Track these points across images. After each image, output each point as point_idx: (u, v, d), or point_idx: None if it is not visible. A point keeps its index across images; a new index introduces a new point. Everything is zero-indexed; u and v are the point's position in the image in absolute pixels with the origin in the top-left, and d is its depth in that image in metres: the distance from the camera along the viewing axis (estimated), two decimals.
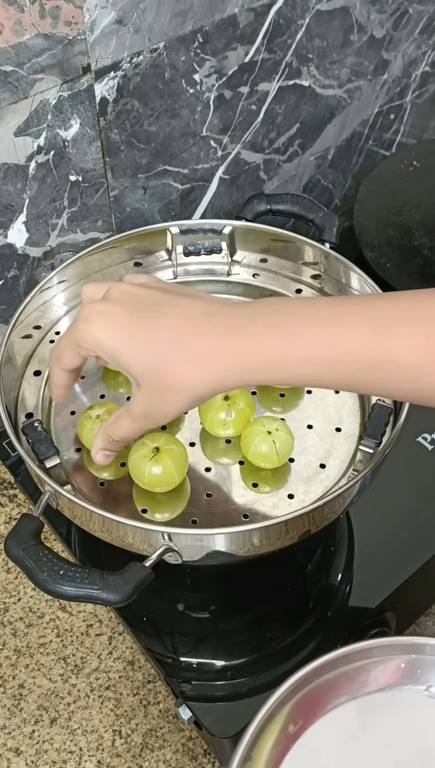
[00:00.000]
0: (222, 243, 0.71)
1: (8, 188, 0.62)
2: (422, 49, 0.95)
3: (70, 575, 0.46)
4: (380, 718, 0.47)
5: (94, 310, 0.45)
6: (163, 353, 0.43)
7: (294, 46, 0.77)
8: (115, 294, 0.46)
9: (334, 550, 0.64)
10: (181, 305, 0.45)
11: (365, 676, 0.47)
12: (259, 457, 0.57)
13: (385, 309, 0.41)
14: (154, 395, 0.45)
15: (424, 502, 0.66)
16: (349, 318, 0.42)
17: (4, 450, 0.72)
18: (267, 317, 0.43)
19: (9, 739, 0.58)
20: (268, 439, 0.56)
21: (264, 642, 0.59)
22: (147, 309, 0.45)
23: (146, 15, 0.61)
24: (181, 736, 0.58)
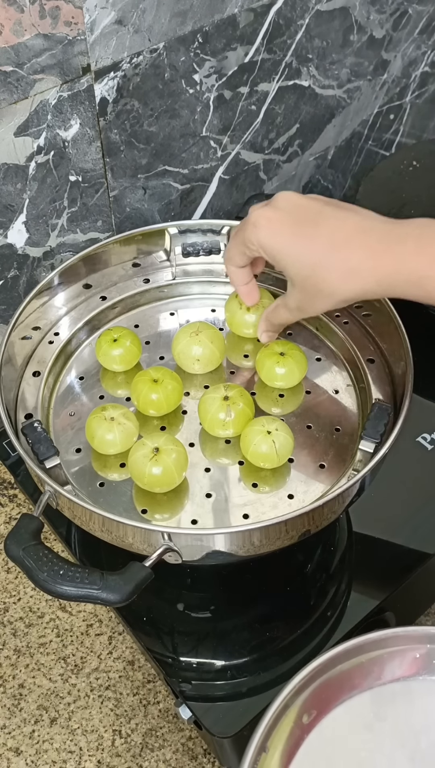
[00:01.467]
0: (221, 243, 0.71)
1: (8, 188, 0.62)
2: (422, 49, 0.95)
3: (70, 575, 0.46)
4: (395, 709, 0.47)
5: (261, 215, 0.52)
6: (317, 263, 0.49)
7: (294, 47, 0.77)
8: (281, 202, 0.52)
9: (334, 550, 0.65)
10: (339, 218, 0.50)
11: (380, 667, 0.48)
12: (258, 457, 0.57)
13: None
14: (306, 295, 0.52)
15: (424, 502, 0.66)
16: None
17: (4, 450, 0.72)
18: (417, 240, 0.47)
19: (9, 739, 0.58)
20: (268, 439, 0.56)
21: (264, 642, 0.59)
22: (308, 219, 0.50)
23: (146, 15, 0.61)
24: (181, 736, 0.58)
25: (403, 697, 0.47)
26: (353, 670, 0.47)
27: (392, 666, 0.48)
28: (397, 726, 0.46)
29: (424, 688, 0.48)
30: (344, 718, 0.46)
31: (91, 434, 0.58)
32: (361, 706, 0.47)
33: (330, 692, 0.46)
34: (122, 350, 0.64)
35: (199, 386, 0.65)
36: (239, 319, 0.66)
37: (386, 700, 0.47)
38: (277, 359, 0.62)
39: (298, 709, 0.45)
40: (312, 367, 0.65)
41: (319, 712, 0.46)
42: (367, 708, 0.47)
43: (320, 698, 0.46)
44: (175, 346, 0.64)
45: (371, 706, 0.47)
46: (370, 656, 0.47)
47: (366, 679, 0.47)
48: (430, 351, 0.69)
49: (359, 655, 0.47)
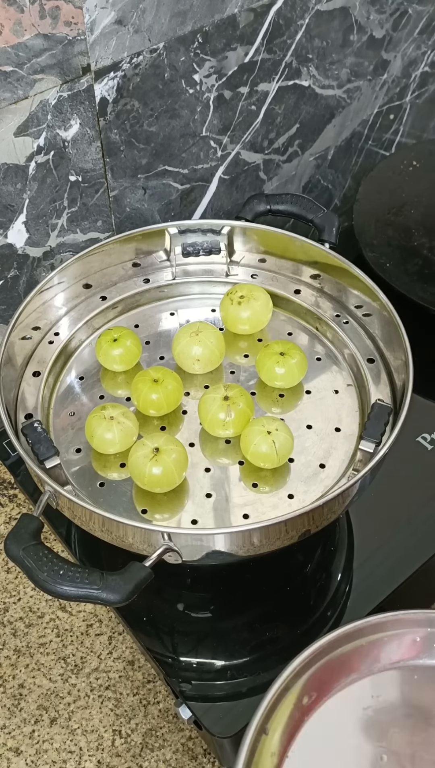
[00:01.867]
0: (220, 243, 0.71)
1: (8, 188, 0.62)
2: (422, 49, 0.95)
3: (70, 575, 0.46)
4: (395, 692, 0.47)
5: None
6: None
7: (294, 47, 0.77)
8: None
9: (334, 550, 0.65)
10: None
11: (380, 650, 0.48)
12: (258, 457, 0.57)
13: None
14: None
15: (424, 502, 0.66)
16: None
17: (4, 450, 0.72)
18: None
19: (9, 739, 0.58)
20: (268, 439, 0.56)
21: (264, 642, 0.59)
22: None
23: (146, 15, 0.61)
24: (181, 736, 0.58)
25: (403, 682, 0.48)
26: (353, 653, 0.47)
27: (392, 649, 0.48)
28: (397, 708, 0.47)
29: (424, 672, 0.48)
30: (344, 700, 0.46)
31: (91, 433, 0.58)
32: (361, 689, 0.47)
33: (330, 675, 0.46)
34: (122, 350, 0.64)
35: (199, 386, 0.65)
36: (233, 316, 0.66)
37: (386, 683, 0.47)
38: (277, 359, 0.62)
39: (299, 691, 0.45)
40: (312, 367, 0.65)
41: (319, 694, 0.46)
42: (367, 690, 0.47)
43: (320, 681, 0.46)
44: (175, 346, 0.64)
45: (371, 688, 0.47)
46: (369, 639, 0.47)
47: (365, 662, 0.47)
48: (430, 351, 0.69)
49: (359, 639, 0.47)
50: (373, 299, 0.66)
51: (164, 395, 0.60)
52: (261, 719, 0.43)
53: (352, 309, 0.68)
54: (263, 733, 0.43)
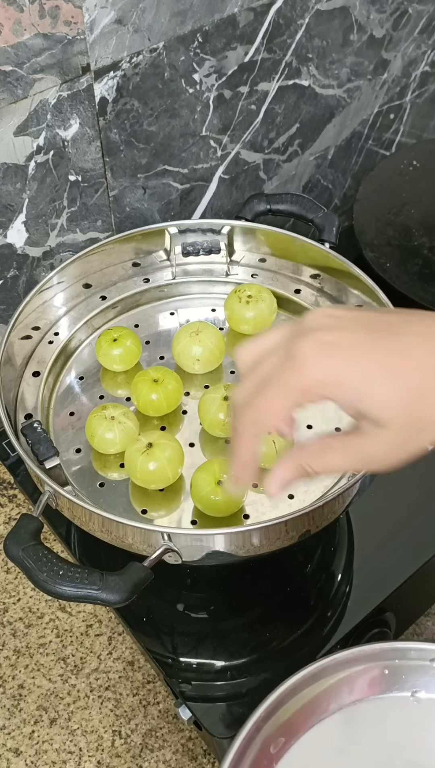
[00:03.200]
0: (220, 243, 0.71)
1: (8, 188, 0.62)
2: (422, 48, 0.95)
3: (69, 575, 0.46)
4: (367, 729, 0.46)
5: (319, 341, 0.35)
6: (422, 385, 0.34)
7: (294, 46, 0.77)
8: (328, 320, 0.37)
9: (334, 550, 0.64)
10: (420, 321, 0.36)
11: (349, 687, 0.46)
12: None
13: None
14: (404, 435, 0.36)
15: (424, 502, 0.66)
16: None
17: (4, 450, 0.72)
18: None
19: (9, 739, 0.58)
20: (268, 439, 0.56)
21: (264, 642, 0.59)
22: (382, 331, 0.36)
23: (146, 15, 0.61)
24: (180, 736, 0.58)
25: (375, 717, 0.46)
26: (321, 692, 0.46)
27: (362, 684, 0.47)
28: (370, 747, 0.45)
29: (396, 705, 0.47)
30: (314, 743, 0.45)
31: (91, 433, 0.58)
32: (331, 729, 0.45)
33: (299, 718, 0.45)
34: (122, 350, 0.64)
35: (199, 386, 0.65)
36: (239, 315, 0.66)
37: (357, 721, 0.46)
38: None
39: (264, 739, 0.43)
40: None
41: (287, 740, 0.45)
42: (337, 731, 0.46)
43: (288, 725, 0.44)
44: (175, 346, 0.64)
45: (342, 727, 0.46)
46: (337, 677, 0.46)
47: (334, 701, 0.46)
48: None
49: (326, 677, 0.46)
50: (373, 299, 0.66)
51: (164, 395, 0.60)
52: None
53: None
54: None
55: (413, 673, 0.47)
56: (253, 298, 0.66)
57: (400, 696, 0.47)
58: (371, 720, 0.46)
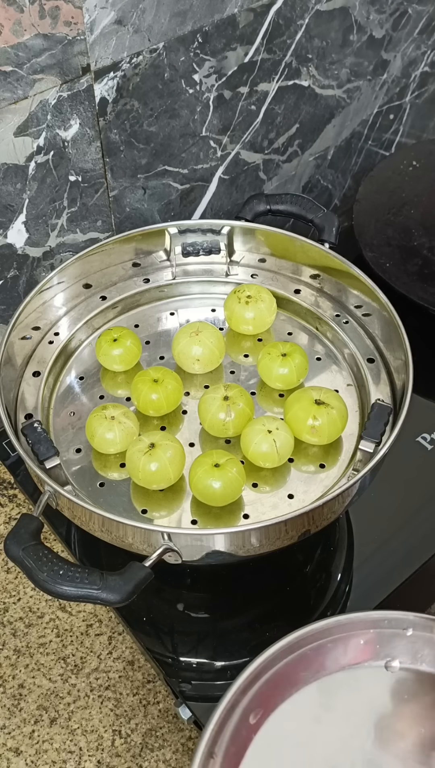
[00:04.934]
0: (220, 243, 0.71)
1: (8, 188, 0.62)
2: (421, 49, 0.95)
3: (69, 575, 0.46)
4: (342, 698, 0.46)
5: None
6: None
7: (293, 47, 0.77)
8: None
9: (334, 550, 0.64)
10: None
11: (324, 657, 0.47)
12: (259, 456, 0.57)
13: None
14: None
15: (424, 502, 0.66)
16: None
17: (4, 450, 0.72)
18: None
19: (9, 739, 0.58)
20: (269, 439, 0.56)
21: (264, 642, 0.59)
22: None
23: (146, 15, 0.61)
24: (181, 736, 0.58)
25: (350, 686, 0.47)
26: (298, 662, 0.46)
27: (337, 654, 0.47)
28: (345, 715, 0.46)
29: (369, 674, 0.48)
30: (291, 713, 0.46)
31: (92, 433, 0.58)
32: (307, 699, 0.46)
33: (276, 688, 0.46)
34: (122, 350, 0.64)
35: (199, 386, 0.65)
36: (238, 315, 0.66)
37: (333, 690, 0.47)
38: (278, 360, 0.62)
39: (243, 710, 0.44)
40: (312, 367, 0.65)
41: (265, 711, 0.45)
42: (314, 700, 0.46)
43: (266, 696, 0.45)
44: (175, 346, 0.64)
45: (318, 697, 0.46)
46: (313, 646, 0.46)
47: (311, 670, 0.47)
48: (430, 351, 0.69)
49: (303, 648, 0.46)
50: (373, 299, 0.66)
51: (164, 395, 0.60)
52: (207, 743, 0.42)
53: (352, 309, 0.68)
54: (211, 757, 0.42)
55: (387, 642, 0.48)
56: (252, 299, 0.66)
57: (374, 665, 0.48)
58: (345, 689, 0.47)
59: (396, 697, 0.47)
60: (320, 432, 0.58)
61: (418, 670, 0.48)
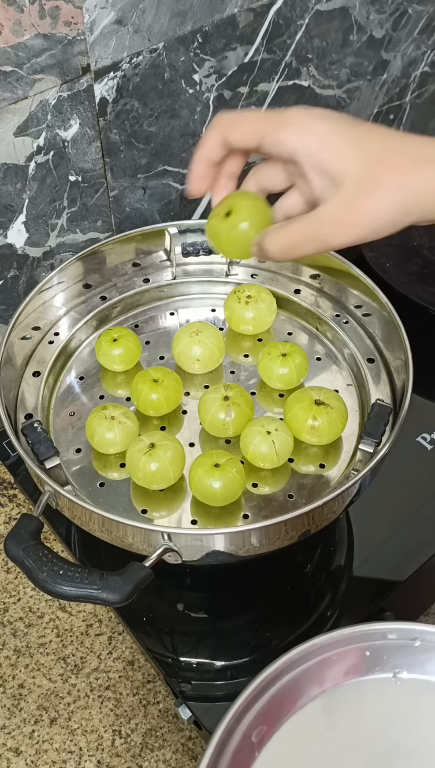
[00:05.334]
0: None
1: (8, 188, 0.62)
2: (421, 49, 0.95)
3: (69, 575, 0.46)
4: (346, 713, 0.45)
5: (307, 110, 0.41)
6: (384, 149, 0.39)
7: (293, 47, 0.77)
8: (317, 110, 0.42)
9: (334, 550, 0.64)
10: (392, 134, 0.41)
11: (330, 670, 0.46)
12: (258, 457, 0.57)
13: None
14: (357, 195, 0.39)
15: (424, 502, 0.66)
16: None
17: (4, 450, 0.72)
18: None
19: (9, 739, 0.58)
20: (268, 440, 0.56)
21: (264, 642, 0.59)
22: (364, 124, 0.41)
23: (146, 15, 0.61)
24: (180, 736, 0.58)
25: (355, 700, 0.46)
26: (302, 677, 0.45)
27: (342, 667, 0.46)
28: (350, 733, 0.45)
29: (377, 686, 0.47)
30: (294, 731, 0.45)
31: (91, 433, 0.58)
32: (311, 716, 0.45)
33: (280, 705, 0.45)
34: (122, 350, 0.64)
35: (199, 386, 0.65)
36: (238, 315, 0.66)
37: (337, 706, 0.46)
38: (278, 360, 0.62)
39: (246, 728, 0.43)
40: (312, 367, 0.65)
41: (268, 728, 0.44)
42: (317, 717, 0.45)
43: (269, 713, 0.44)
44: (175, 346, 0.64)
45: (322, 714, 0.45)
46: (317, 661, 0.46)
47: (315, 686, 0.46)
48: (430, 351, 0.69)
49: (306, 663, 0.45)
50: (373, 299, 0.66)
51: (164, 395, 0.60)
52: (210, 759, 0.41)
53: (352, 309, 0.68)
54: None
55: (395, 653, 0.47)
56: (252, 299, 0.66)
57: (381, 677, 0.47)
58: (351, 703, 0.46)
59: (404, 708, 0.46)
60: (320, 432, 0.58)
61: (427, 681, 0.47)
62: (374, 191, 0.39)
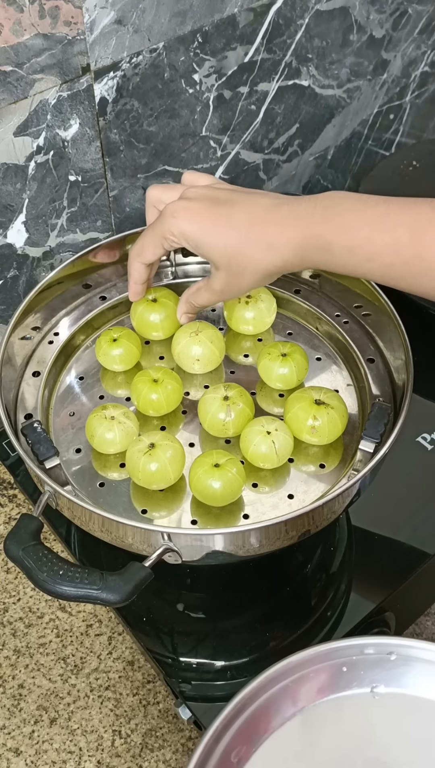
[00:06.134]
0: None
1: (8, 188, 0.62)
2: (422, 49, 0.95)
3: (69, 575, 0.46)
4: (325, 730, 0.45)
5: (178, 207, 0.53)
6: (238, 242, 0.51)
7: (293, 46, 0.77)
8: (192, 194, 0.55)
9: (334, 550, 0.64)
10: (250, 200, 0.53)
11: (306, 687, 0.46)
12: (258, 457, 0.57)
13: (424, 212, 0.46)
14: (231, 275, 0.53)
15: (424, 502, 0.66)
16: (392, 217, 0.47)
17: (4, 450, 0.72)
18: (324, 210, 0.49)
19: (9, 739, 0.58)
20: (268, 440, 0.56)
21: (264, 642, 0.59)
22: (222, 204, 0.53)
23: (146, 15, 0.61)
24: (180, 736, 0.58)
25: (333, 716, 0.46)
26: (279, 695, 0.45)
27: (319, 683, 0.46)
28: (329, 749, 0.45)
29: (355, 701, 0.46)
30: (274, 749, 0.44)
31: (91, 433, 0.58)
32: (290, 734, 0.45)
33: (257, 724, 0.44)
34: (122, 350, 0.64)
35: (199, 386, 0.65)
36: (238, 315, 0.66)
37: (316, 722, 0.46)
38: (278, 360, 0.62)
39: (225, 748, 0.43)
40: (312, 367, 0.65)
41: (247, 748, 0.44)
42: (296, 735, 0.45)
43: (248, 733, 0.44)
44: (175, 346, 0.64)
45: (300, 731, 0.45)
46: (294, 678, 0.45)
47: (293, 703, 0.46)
48: (430, 351, 0.69)
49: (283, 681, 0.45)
50: (373, 299, 0.66)
51: (164, 395, 0.60)
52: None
53: (352, 309, 0.68)
54: None
55: (372, 668, 0.47)
56: (252, 299, 0.66)
57: (359, 693, 0.47)
58: (330, 720, 0.46)
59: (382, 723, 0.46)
60: (320, 432, 0.58)
61: (404, 694, 0.47)
62: (240, 274, 0.53)
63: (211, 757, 0.42)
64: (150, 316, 0.65)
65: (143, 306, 0.65)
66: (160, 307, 0.65)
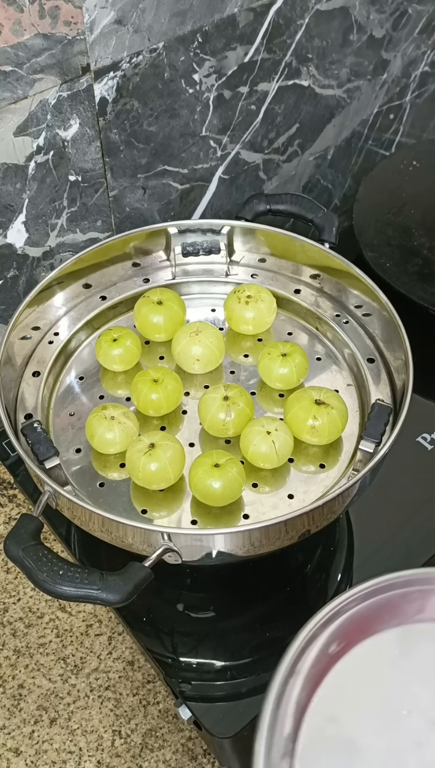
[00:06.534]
0: (220, 243, 0.71)
1: (8, 188, 0.62)
2: (422, 49, 0.95)
3: (69, 575, 0.46)
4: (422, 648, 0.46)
5: None
6: None
7: (293, 46, 0.77)
8: None
9: (334, 550, 0.64)
10: None
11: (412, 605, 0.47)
12: (258, 457, 0.57)
13: None
14: None
15: (424, 502, 0.66)
16: None
17: (4, 450, 0.72)
18: None
19: (9, 739, 0.58)
20: (268, 440, 0.56)
21: (264, 642, 0.59)
22: None
23: (145, 15, 0.61)
24: (180, 736, 0.58)
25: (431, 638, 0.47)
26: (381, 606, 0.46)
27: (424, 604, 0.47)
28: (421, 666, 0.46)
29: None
30: (371, 652, 0.46)
31: (91, 433, 0.58)
32: (387, 642, 0.46)
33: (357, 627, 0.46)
34: (122, 350, 0.64)
35: (199, 386, 0.65)
36: (238, 315, 0.66)
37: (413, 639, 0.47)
38: (278, 360, 0.62)
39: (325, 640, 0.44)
40: (312, 367, 0.65)
41: (346, 644, 0.45)
42: (393, 644, 0.46)
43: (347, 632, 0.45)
44: (175, 346, 0.64)
45: (397, 642, 0.46)
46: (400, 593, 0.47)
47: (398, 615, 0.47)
48: (430, 351, 0.69)
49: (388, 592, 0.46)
50: (373, 299, 0.66)
51: (164, 395, 0.60)
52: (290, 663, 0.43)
53: (352, 309, 0.68)
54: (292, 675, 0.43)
55: None
56: (252, 299, 0.66)
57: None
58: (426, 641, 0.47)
59: None
60: (320, 432, 0.58)
61: None
62: None
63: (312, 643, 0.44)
64: (154, 317, 0.65)
65: (148, 307, 0.65)
66: (165, 310, 0.65)
